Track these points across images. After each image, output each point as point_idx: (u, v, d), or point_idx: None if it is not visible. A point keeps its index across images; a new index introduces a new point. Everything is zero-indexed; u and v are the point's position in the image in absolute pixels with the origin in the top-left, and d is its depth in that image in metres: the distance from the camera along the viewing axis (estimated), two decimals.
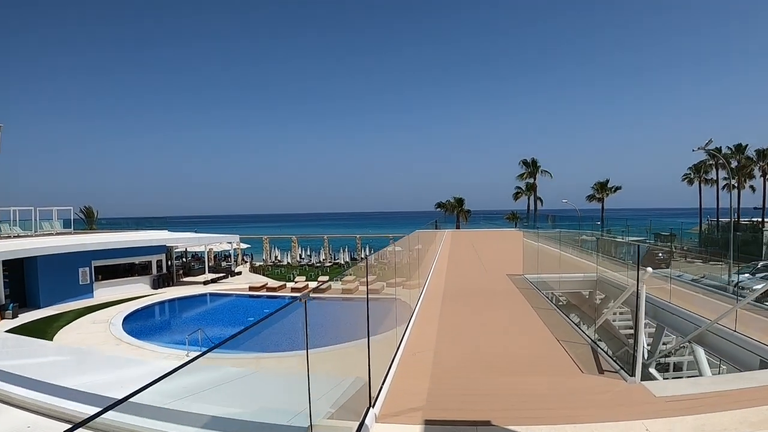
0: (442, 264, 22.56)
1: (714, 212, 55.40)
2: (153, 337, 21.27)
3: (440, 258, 24.86)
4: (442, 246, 30.18)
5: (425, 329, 10.37)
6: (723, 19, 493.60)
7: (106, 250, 30.07)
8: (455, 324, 11.10)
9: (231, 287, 31.80)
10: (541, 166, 55.49)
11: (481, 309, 12.80)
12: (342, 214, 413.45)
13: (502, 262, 23.34)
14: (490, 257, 26.15)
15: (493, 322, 11.31)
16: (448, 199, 57.92)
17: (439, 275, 18.76)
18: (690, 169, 57.39)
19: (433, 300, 13.70)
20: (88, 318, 24.58)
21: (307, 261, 46.76)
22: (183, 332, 21.65)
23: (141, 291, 31.17)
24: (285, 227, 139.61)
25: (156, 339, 20.90)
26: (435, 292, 14.89)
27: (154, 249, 32.72)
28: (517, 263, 19.36)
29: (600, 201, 55.69)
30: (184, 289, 32.00)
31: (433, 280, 17.55)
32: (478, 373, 7.55)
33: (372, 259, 13.99)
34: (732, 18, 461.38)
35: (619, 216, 64.38)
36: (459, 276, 19.12)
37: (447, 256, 25.85)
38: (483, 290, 15.62)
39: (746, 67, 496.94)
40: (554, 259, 17.59)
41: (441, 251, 28.08)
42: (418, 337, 9.70)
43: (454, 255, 27.11)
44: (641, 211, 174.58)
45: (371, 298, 6.48)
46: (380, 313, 10.48)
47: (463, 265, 23.05)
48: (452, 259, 25.16)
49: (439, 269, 20.75)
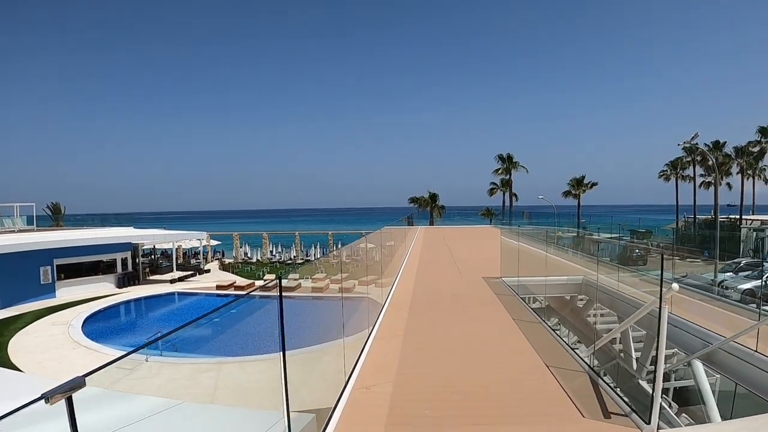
0: (412, 264, 21.60)
1: (690, 209, 56.35)
2: (113, 340, 20.99)
3: (411, 257, 24.02)
4: (414, 243, 29.92)
5: (386, 349, 9.08)
6: (703, 14, 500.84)
7: (68, 248, 29.50)
8: (422, 344, 9.59)
9: (198, 286, 31.50)
10: (518, 162, 55.85)
11: (454, 323, 11.33)
12: (315, 210, 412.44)
13: (477, 261, 22.72)
14: (464, 256, 25.21)
15: (469, 342, 9.69)
16: (422, 194, 58.17)
17: (408, 278, 17.64)
18: (667, 165, 58.22)
19: (398, 309, 12.35)
20: (48, 320, 24.10)
21: (278, 258, 46.48)
22: (146, 333, 21.41)
23: (105, 290, 30.67)
24: (257, 223, 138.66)
25: (116, 342, 20.63)
26: (402, 299, 13.59)
27: (119, 246, 32.21)
28: (494, 263, 18.40)
29: (576, 197, 56.25)
30: (150, 287, 31.60)
31: (401, 283, 16.42)
32: (450, 422, 6.04)
33: (327, 259, 13.88)
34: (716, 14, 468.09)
35: (594, 213, 65.22)
36: (430, 279, 17.88)
37: (418, 255, 25.08)
38: (456, 297, 14.11)
39: (725, 64, 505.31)
40: (536, 260, 16.44)
41: (412, 250, 27.34)
42: (376, 361, 8.49)
43: (427, 254, 26.36)
44: (617, 207, 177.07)
45: (320, 297, 6.41)
46: (330, 319, 10.37)
47: (435, 265, 22.01)
48: (424, 258, 24.35)
49: (409, 270, 19.68)
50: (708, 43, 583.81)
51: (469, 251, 28.01)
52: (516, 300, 13.35)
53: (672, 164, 57.60)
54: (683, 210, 58.13)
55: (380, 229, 18.98)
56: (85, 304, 27.01)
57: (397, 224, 30.35)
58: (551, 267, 16.35)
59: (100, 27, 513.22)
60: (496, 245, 28.49)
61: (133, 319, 26.12)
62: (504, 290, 14.59)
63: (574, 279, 15.32)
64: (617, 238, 44.65)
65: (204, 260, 44.88)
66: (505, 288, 14.92)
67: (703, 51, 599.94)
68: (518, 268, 15.27)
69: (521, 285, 14.86)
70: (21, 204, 37.38)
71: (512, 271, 15.69)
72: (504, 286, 15.16)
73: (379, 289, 13.67)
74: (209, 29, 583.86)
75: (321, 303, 22.51)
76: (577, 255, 18.91)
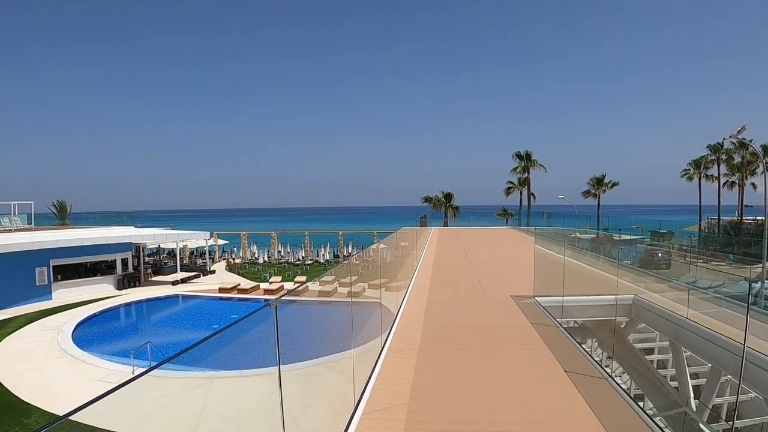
0: (424, 276, 17.82)
1: (710, 209, 54.17)
2: (104, 348, 19.56)
3: (423, 267, 20.12)
4: (428, 247, 27.34)
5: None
6: (727, 13, 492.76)
7: (66, 248, 28.22)
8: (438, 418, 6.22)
9: (201, 288, 30.06)
10: (536, 160, 53.77)
11: (481, 375, 7.76)
12: (327, 208, 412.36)
13: (500, 271, 19.58)
14: (484, 264, 21.42)
15: (504, 411, 6.42)
16: (436, 193, 55.92)
17: (418, 296, 13.84)
18: (690, 164, 55.95)
19: (407, 345, 9.19)
20: (40, 324, 22.80)
21: (287, 258, 44.94)
22: (139, 341, 20.04)
23: (104, 292, 29.40)
24: (268, 222, 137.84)
25: (106, 350, 19.18)
26: (412, 328, 10.36)
27: (120, 247, 30.89)
28: (521, 275, 15.51)
29: (596, 197, 54.15)
30: (151, 289, 30.25)
31: (410, 304, 12.78)
32: None
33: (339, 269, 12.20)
34: (735, 12, 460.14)
35: (612, 213, 62.88)
36: (446, 297, 14.32)
37: (431, 264, 21.15)
38: (483, 331, 10.26)
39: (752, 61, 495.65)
40: (572, 273, 13.47)
41: (425, 256, 23.57)
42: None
43: (441, 261, 22.56)
44: (637, 207, 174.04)
45: (327, 302, 4.87)
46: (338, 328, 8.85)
47: (452, 277, 18.13)
48: (438, 267, 20.75)
49: (420, 284, 15.81)
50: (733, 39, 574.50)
51: (489, 257, 24.49)
52: (562, 337, 9.81)
53: (695, 163, 55.28)
54: (705, 211, 55.88)
55: (396, 232, 17.39)
56: (80, 307, 25.73)
57: (411, 225, 28.62)
58: (589, 281, 14.11)
59: (106, 21, 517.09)
60: (518, 249, 26.19)
61: (129, 324, 24.73)
62: (541, 317, 11.27)
63: (623, 299, 12.43)
64: (640, 240, 42.79)
65: (211, 260, 43.55)
66: (541, 313, 11.61)
67: (727, 48, 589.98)
68: (563, 287, 12.12)
69: (559, 307, 12.03)
70: (19, 202, 36.23)
71: (550, 289, 12.61)
72: (540, 310, 11.83)
73: (392, 294, 12.37)
74: (218, 24, 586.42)
75: (329, 309, 21.05)
76: (617, 264, 16.18)
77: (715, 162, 53.16)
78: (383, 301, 11.00)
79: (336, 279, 31.51)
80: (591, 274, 15.80)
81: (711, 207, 54.84)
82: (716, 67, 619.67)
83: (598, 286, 13.87)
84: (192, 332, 21.66)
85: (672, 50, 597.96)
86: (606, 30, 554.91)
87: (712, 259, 42.25)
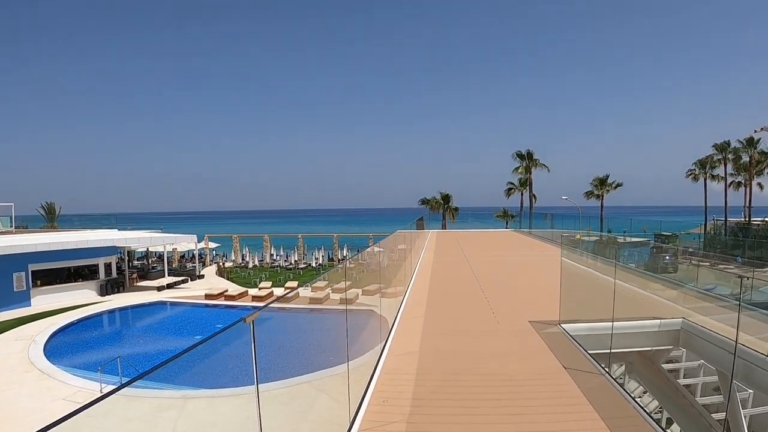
0: (419, 290, 14.74)
1: (714, 211, 53.03)
2: (76, 361, 18.36)
3: (418, 280, 16.88)
4: (424, 254, 24.68)
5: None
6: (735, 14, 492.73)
7: (45, 252, 26.95)
8: None
9: (187, 294, 28.80)
10: (538, 159, 52.40)
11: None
12: (323, 210, 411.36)
13: (511, 286, 16.13)
14: (491, 276, 18.01)
15: None
16: (434, 195, 54.34)
17: (410, 324, 10.77)
18: (695, 164, 54.73)
19: (391, 407, 6.53)
20: (14, 333, 21.57)
21: (280, 262, 43.67)
22: (115, 353, 18.84)
23: (86, 298, 28.17)
24: (262, 224, 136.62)
25: (78, 363, 17.98)
26: (399, 376, 7.65)
27: (103, 251, 29.66)
28: (535, 290, 14.06)
29: (599, 198, 52.89)
30: (136, 296, 28.99)
31: (399, 336, 9.88)
32: None
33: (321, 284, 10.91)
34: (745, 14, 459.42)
35: (614, 214, 61.55)
36: (447, 324, 11.22)
37: (428, 275, 18.04)
38: (497, 378, 7.57)
39: None
40: (600, 289, 10.75)
41: (421, 264, 20.60)
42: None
43: (440, 271, 19.44)
44: (639, 209, 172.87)
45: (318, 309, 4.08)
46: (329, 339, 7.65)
47: (452, 293, 14.91)
48: (437, 278, 17.40)
49: (414, 303, 12.95)
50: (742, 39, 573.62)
51: (494, 266, 21.24)
52: (611, 390, 7.04)
53: (701, 163, 54.08)
54: (708, 212, 54.63)
55: (391, 234, 16.22)
56: (60, 314, 24.50)
57: (407, 228, 27.21)
58: (625, 301, 10.34)
59: (93, 22, 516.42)
60: (526, 255, 24.53)
61: (107, 334, 23.42)
62: (572, 353, 8.56)
63: (669, 324, 9.99)
64: (645, 243, 41.56)
65: (202, 264, 42.32)
66: (571, 346, 8.92)
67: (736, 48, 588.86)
68: (612, 310, 9.25)
69: (592, 336, 9.45)
70: None
71: (579, 312, 10.13)
72: (570, 344, 9.07)
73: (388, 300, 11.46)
74: (210, 24, 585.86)
75: (318, 318, 19.84)
76: (659, 280, 13.63)
77: (721, 161, 52.02)
78: (377, 308, 9.88)
79: (329, 285, 30.33)
80: (625, 293, 11.52)
81: (714, 208, 53.74)
82: (719, 67, 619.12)
83: (634, 307, 11.06)
84: (172, 342, 20.42)
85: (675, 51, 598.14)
86: (608, 29, 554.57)
87: (719, 262, 41.09)
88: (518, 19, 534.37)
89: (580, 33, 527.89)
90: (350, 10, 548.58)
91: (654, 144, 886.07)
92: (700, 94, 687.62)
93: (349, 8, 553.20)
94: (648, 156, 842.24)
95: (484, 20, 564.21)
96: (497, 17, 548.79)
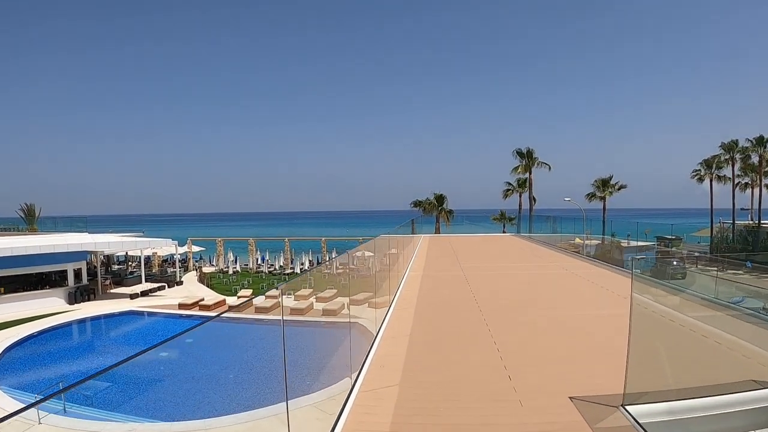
0: (399, 333, 9.71)
1: (718, 213, 51.51)
2: (26, 381, 16.74)
3: (400, 305, 12.26)
4: (414, 262, 20.46)
5: None
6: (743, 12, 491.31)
7: (8, 257, 25.31)
8: None
9: (161, 303, 27.13)
10: (538, 158, 50.41)
11: None
12: (314, 213, 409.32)
13: (528, 324, 10.39)
14: (498, 305, 12.52)
15: None
16: (427, 196, 51.65)
17: (381, 399, 6.47)
18: (700, 164, 53.13)
19: None
20: None
21: (264, 268, 41.90)
22: (71, 371, 17.32)
23: (53, 307, 26.55)
24: (250, 227, 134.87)
25: (27, 384, 16.35)
26: None
27: (72, 255, 28.02)
28: (570, 336, 9.25)
29: (602, 200, 51.21)
30: (106, 304, 27.34)
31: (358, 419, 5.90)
32: None
33: None
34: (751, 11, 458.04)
35: (617, 217, 59.89)
36: (437, 395, 6.61)
37: (414, 303, 12.53)
38: None
39: None
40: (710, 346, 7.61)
41: (405, 284, 15.29)
42: None
43: (430, 296, 13.77)
44: (641, 211, 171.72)
45: None
46: None
47: (447, 341, 9.35)
48: (425, 309, 11.87)
49: (391, 362, 7.94)
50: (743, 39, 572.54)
51: (502, 287, 15.49)
52: None
53: (706, 163, 52.46)
54: (710, 214, 53.09)
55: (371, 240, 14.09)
56: (22, 325, 22.88)
57: (394, 232, 24.63)
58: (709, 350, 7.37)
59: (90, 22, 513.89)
60: (538, 267, 19.85)
61: (66, 349, 21.64)
62: None
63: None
64: (651, 247, 39.99)
65: (184, 269, 40.64)
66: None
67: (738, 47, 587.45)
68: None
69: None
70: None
71: (659, 382, 6.23)
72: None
73: None
74: (196, 23, 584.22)
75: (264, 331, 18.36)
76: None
77: (728, 162, 50.45)
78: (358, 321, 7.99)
79: (314, 292, 28.65)
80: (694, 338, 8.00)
81: (718, 210, 52.24)
82: (722, 68, 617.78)
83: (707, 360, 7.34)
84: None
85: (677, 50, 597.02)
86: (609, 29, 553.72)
87: (729, 267, 39.37)
88: (517, 19, 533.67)
89: (581, 32, 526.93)
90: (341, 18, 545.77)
91: (654, 145, 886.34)
92: (701, 94, 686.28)
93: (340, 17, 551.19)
94: (648, 157, 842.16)
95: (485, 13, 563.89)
96: (496, 13, 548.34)
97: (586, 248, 27.63)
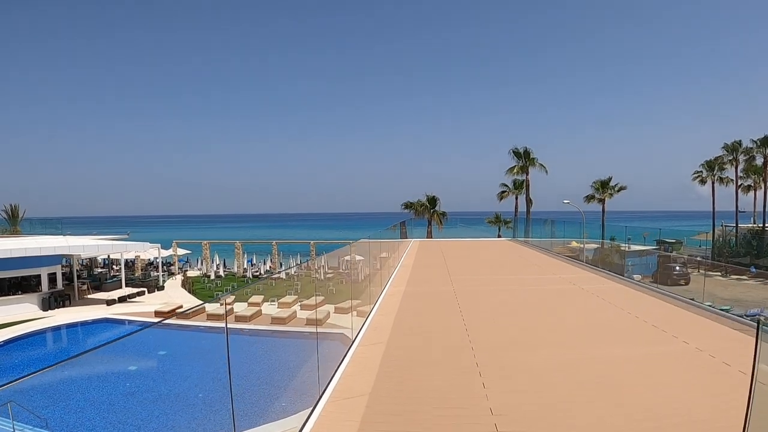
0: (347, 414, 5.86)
1: (719, 215, 50.73)
2: None
3: (368, 339, 9.34)
4: (396, 276, 17.66)
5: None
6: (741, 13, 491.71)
7: None
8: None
9: (137, 310, 26.08)
10: (536, 158, 49.06)
11: None
12: (308, 215, 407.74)
13: (545, 367, 7.39)
14: (498, 339, 9.29)
15: None
16: (419, 198, 49.76)
17: None
18: (702, 166, 52.31)
19: None
20: None
21: (248, 272, 40.72)
22: (38, 383, 16.31)
23: (26, 313, 25.56)
24: (239, 229, 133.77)
25: None
26: None
27: (46, 259, 27.04)
28: (602, 386, 6.50)
29: (601, 202, 50.22)
30: (81, 311, 26.33)
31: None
32: None
33: None
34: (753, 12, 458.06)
35: (616, 219, 58.92)
36: None
37: (380, 351, 8.37)
38: None
39: None
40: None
41: (376, 314, 11.48)
42: None
43: (406, 336, 9.46)
44: (640, 213, 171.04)
45: None
46: None
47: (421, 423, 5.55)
48: (393, 356, 8.13)
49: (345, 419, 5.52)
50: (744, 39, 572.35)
51: (502, 313, 11.86)
52: None
53: (708, 164, 51.64)
54: (709, 216, 52.29)
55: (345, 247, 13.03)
56: None
57: (382, 236, 23.46)
58: None
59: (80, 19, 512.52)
60: (546, 284, 16.68)
61: (36, 359, 20.57)
62: None
63: None
64: (653, 251, 39.07)
65: (167, 273, 39.60)
66: None
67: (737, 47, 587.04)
68: None
69: None
70: None
71: None
72: None
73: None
74: (191, 25, 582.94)
75: None
76: None
77: (731, 163, 49.64)
78: None
79: (298, 299, 27.56)
80: None
81: (719, 213, 51.46)
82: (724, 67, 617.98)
83: None
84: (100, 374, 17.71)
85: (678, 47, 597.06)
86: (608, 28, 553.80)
87: (732, 272, 38.56)
88: (517, 21, 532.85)
89: (581, 33, 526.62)
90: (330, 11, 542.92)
91: (654, 145, 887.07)
92: (702, 95, 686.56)
93: (340, 8, 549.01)
94: (647, 158, 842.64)
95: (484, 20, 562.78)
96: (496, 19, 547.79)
97: (584, 252, 26.68)
